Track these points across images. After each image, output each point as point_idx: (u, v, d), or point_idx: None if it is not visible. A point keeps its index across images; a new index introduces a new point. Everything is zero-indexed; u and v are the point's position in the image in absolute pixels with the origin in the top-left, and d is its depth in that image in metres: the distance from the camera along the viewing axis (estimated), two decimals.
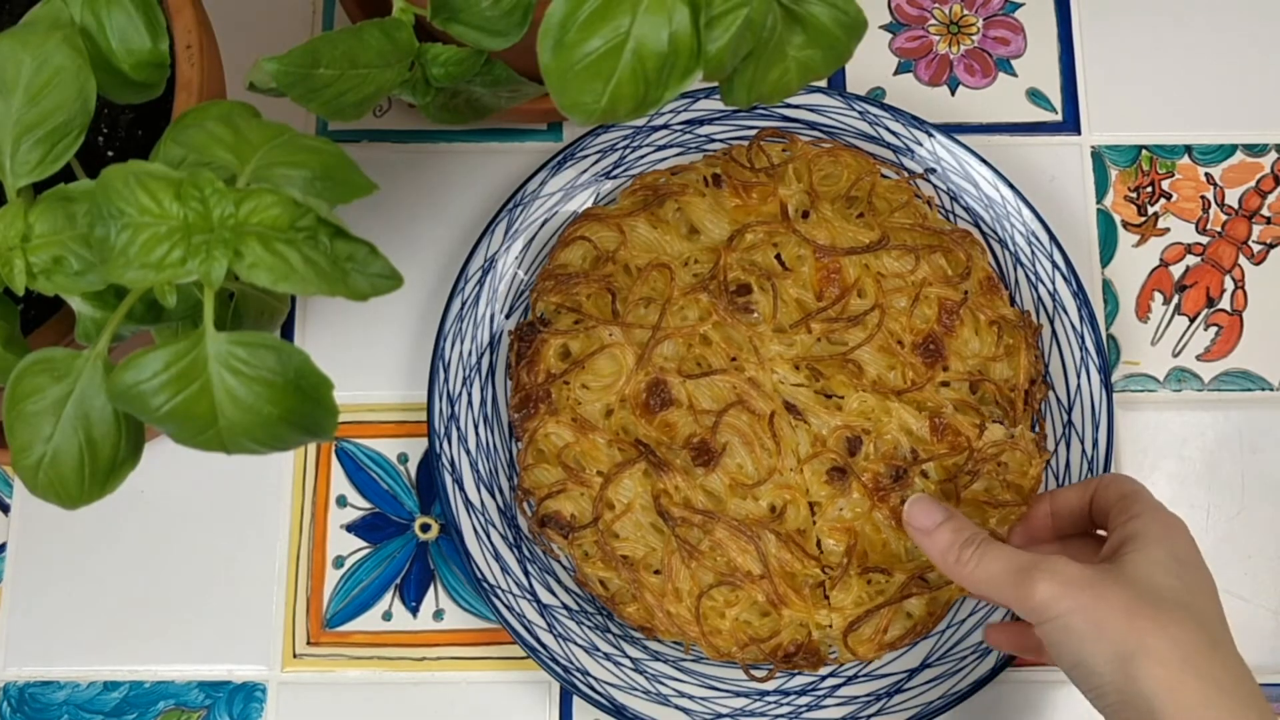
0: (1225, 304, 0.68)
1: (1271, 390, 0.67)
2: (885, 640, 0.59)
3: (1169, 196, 0.69)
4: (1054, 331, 0.64)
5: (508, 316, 0.65)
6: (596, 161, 0.66)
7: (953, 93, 0.71)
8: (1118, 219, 0.69)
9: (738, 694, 0.60)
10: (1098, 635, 0.46)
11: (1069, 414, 0.63)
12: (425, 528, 0.64)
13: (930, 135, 0.66)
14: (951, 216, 0.66)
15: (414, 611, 0.63)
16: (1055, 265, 0.64)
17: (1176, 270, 0.68)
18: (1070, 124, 0.70)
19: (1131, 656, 0.45)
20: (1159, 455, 0.66)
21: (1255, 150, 0.70)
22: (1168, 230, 0.69)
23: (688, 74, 0.38)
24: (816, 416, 0.61)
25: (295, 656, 0.62)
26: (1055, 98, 0.71)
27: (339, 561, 0.64)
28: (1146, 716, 0.45)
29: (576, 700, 0.62)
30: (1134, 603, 0.46)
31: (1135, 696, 0.45)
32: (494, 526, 0.62)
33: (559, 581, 0.62)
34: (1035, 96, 0.71)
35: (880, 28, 0.72)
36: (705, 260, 0.63)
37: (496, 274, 0.64)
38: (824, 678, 0.60)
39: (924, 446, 0.60)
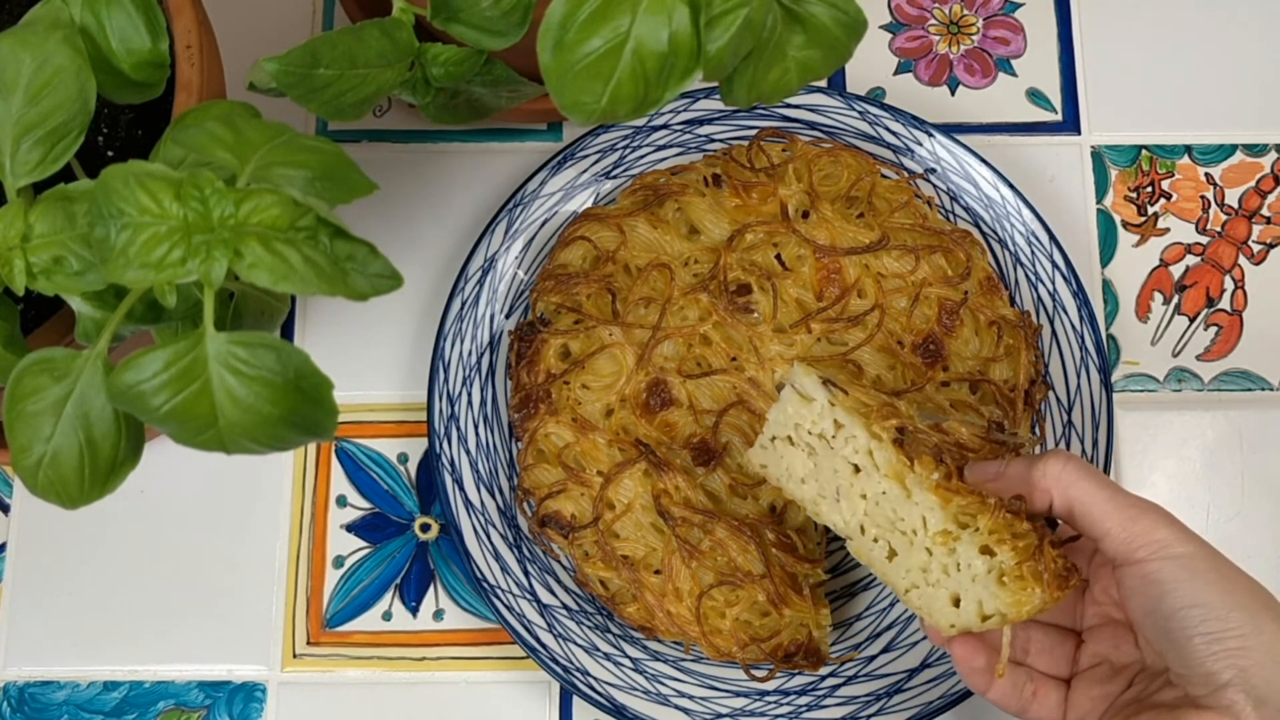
0: (1225, 304, 0.68)
1: (1271, 390, 0.67)
2: (1056, 570, 0.49)
3: (1169, 196, 0.69)
4: (1054, 331, 0.64)
5: (508, 316, 0.65)
6: (596, 161, 0.66)
7: (953, 93, 0.71)
8: (1118, 219, 0.69)
9: (738, 694, 0.60)
10: (1220, 580, 0.46)
11: (1069, 414, 0.63)
12: (425, 528, 0.64)
13: (930, 135, 0.66)
14: (951, 216, 0.66)
15: (414, 611, 0.63)
16: (1055, 265, 0.64)
17: (1176, 270, 0.68)
18: (1070, 124, 0.70)
19: (1260, 609, 0.46)
20: (1159, 455, 0.66)
21: (1255, 150, 0.70)
22: (1168, 230, 0.69)
23: (688, 74, 0.38)
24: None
25: (295, 656, 0.62)
26: (1055, 98, 0.71)
27: (339, 561, 0.64)
28: (1271, 667, 0.45)
29: (576, 700, 0.62)
30: (1232, 564, 0.48)
31: (1261, 643, 0.45)
32: (494, 526, 0.62)
33: (559, 581, 0.62)
34: (1035, 96, 0.71)
35: (880, 28, 0.72)
36: (705, 260, 0.63)
37: (496, 274, 0.64)
38: (824, 678, 0.60)
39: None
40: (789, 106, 0.66)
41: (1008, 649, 0.51)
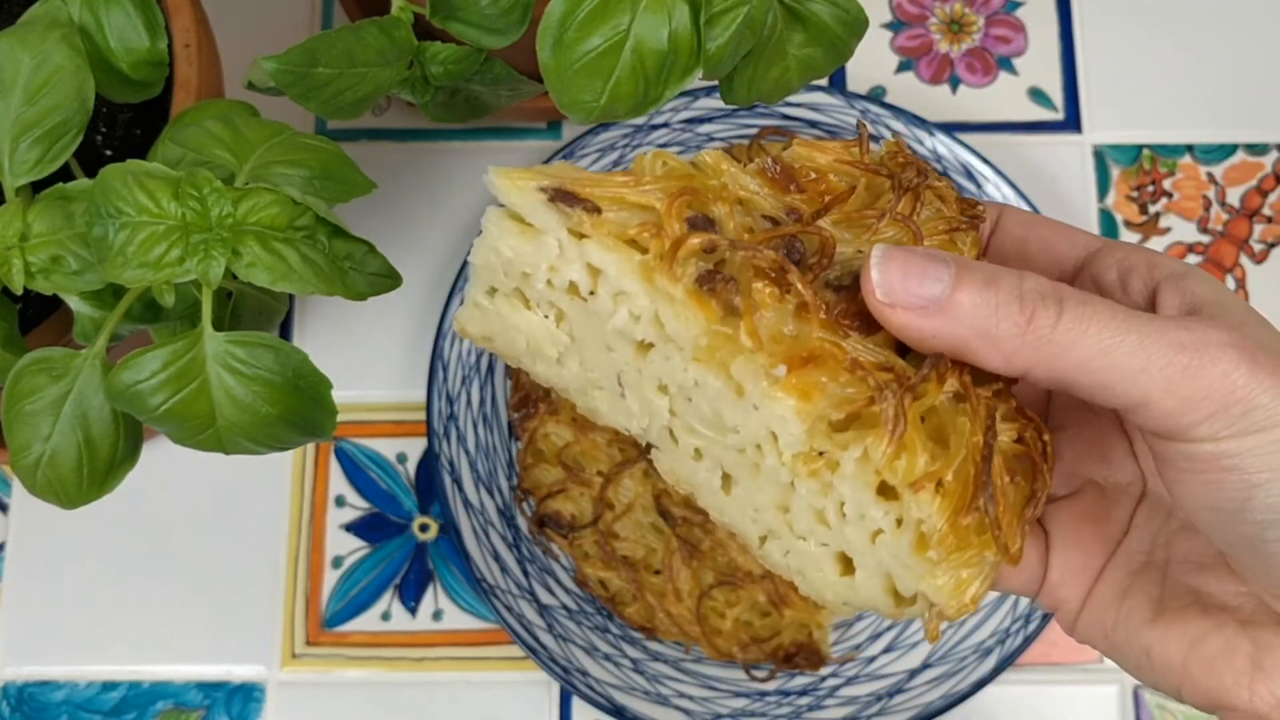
0: None
1: None
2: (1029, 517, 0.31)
3: (1170, 196, 0.69)
4: None
5: None
6: (596, 160, 0.66)
7: (954, 91, 0.71)
8: (1119, 218, 0.69)
9: (738, 694, 0.60)
10: None
11: None
12: (424, 528, 0.64)
13: (931, 134, 0.65)
14: None
15: (413, 612, 0.63)
16: None
17: None
18: (1072, 123, 0.70)
19: None
20: None
21: (1256, 150, 0.70)
22: (1169, 230, 0.68)
23: (688, 72, 0.38)
24: None
25: (294, 657, 0.62)
26: (1056, 97, 0.70)
27: (338, 561, 0.64)
28: None
29: (576, 701, 0.62)
30: None
31: None
32: (493, 526, 0.62)
33: (558, 582, 0.62)
34: (1036, 95, 0.70)
35: (881, 26, 0.72)
36: None
37: None
38: (824, 678, 0.60)
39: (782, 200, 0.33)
40: (790, 105, 0.66)
41: (937, 626, 0.31)
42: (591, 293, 0.31)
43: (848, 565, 0.31)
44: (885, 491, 0.29)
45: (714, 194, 0.31)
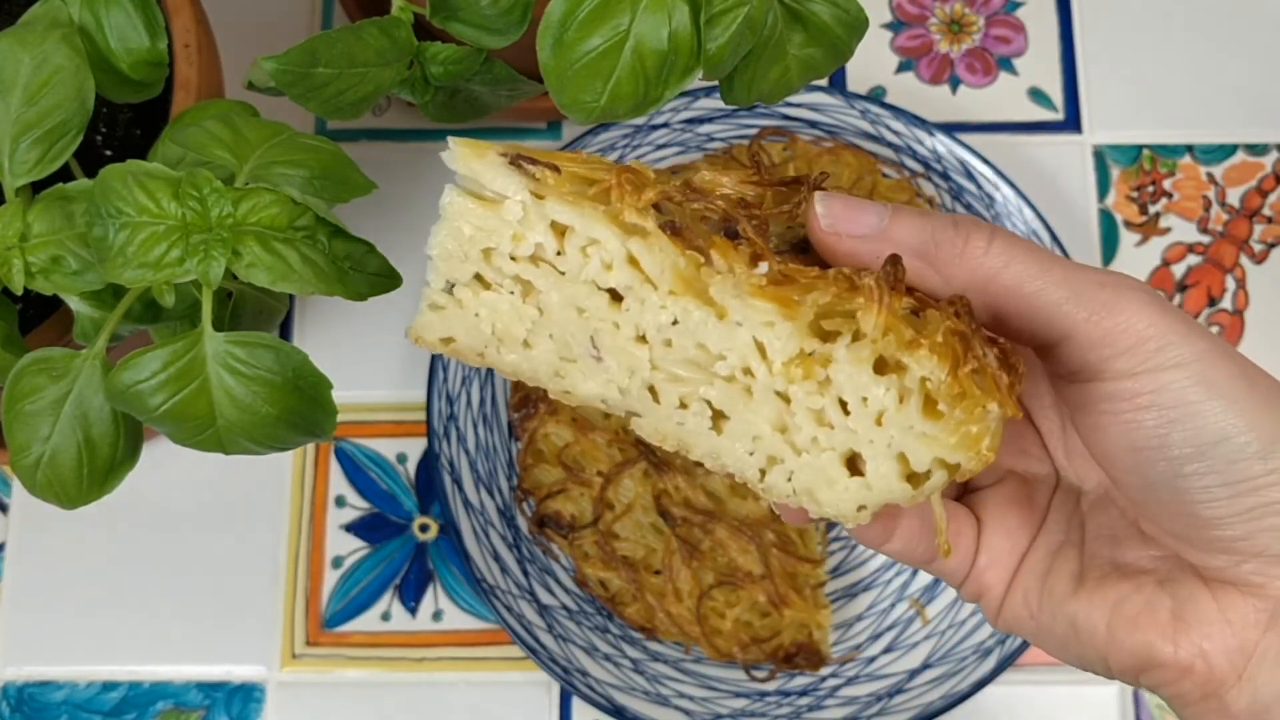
0: (1227, 303, 0.68)
1: None
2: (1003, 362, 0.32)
3: (1170, 196, 0.69)
4: None
5: None
6: None
7: (954, 92, 0.71)
8: (1119, 218, 0.69)
9: (738, 695, 0.60)
10: (1251, 396, 0.31)
11: None
12: (424, 528, 0.64)
13: (931, 134, 0.65)
14: None
15: (413, 612, 0.63)
16: None
17: (1178, 270, 0.68)
18: (1072, 123, 0.70)
19: None
20: None
21: (1256, 150, 0.70)
22: (1169, 230, 0.68)
23: (688, 73, 0.38)
24: None
25: (294, 657, 0.62)
26: (1057, 97, 0.70)
27: (338, 561, 0.64)
28: None
29: (576, 701, 0.62)
30: (1258, 368, 0.32)
31: None
32: (493, 527, 0.62)
33: (558, 582, 0.62)
34: (1036, 95, 0.70)
35: (881, 26, 0.72)
36: None
37: None
38: (824, 678, 0.60)
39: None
40: (790, 105, 0.66)
41: (943, 514, 0.33)
42: (559, 253, 0.32)
43: (856, 469, 0.32)
44: (880, 369, 0.31)
45: (653, 182, 0.33)
